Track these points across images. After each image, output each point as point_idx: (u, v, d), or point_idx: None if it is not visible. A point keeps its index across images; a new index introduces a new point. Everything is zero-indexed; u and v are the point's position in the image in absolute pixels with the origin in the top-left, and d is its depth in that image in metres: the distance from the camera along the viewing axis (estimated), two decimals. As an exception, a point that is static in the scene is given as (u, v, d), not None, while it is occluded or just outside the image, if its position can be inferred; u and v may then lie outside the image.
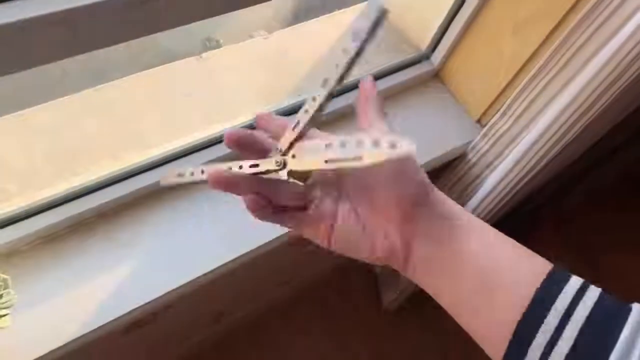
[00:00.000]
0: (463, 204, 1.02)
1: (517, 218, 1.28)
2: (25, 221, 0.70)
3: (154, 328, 0.86)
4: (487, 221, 0.40)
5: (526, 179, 0.90)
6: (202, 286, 0.74)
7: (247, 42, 0.97)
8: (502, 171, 0.91)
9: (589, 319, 0.34)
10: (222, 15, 0.55)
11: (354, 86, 0.90)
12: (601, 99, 0.74)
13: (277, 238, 0.77)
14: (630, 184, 1.88)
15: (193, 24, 0.51)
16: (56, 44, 0.46)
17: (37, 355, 0.64)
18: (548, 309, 0.35)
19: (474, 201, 1.00)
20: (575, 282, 0.36)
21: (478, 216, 0.98)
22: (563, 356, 0.33)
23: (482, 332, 0.38)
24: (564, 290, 0.35)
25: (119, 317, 0.68)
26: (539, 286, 0.36)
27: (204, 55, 0.92)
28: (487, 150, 0.94)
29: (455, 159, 1.01)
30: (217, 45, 0.89)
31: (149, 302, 0.70)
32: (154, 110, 0.83)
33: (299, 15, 1.18)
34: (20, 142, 0.76)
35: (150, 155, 0.77)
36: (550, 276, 0.36)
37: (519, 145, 0.87)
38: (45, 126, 0.78)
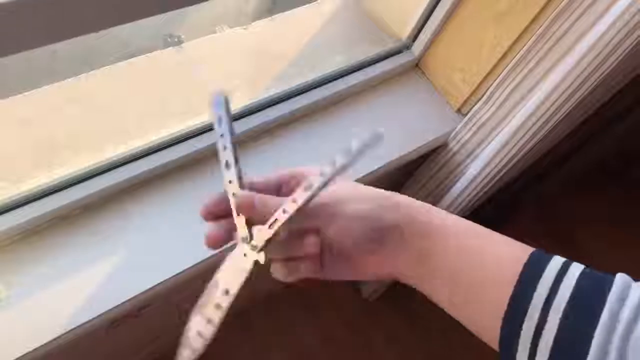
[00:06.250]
0: (444, 193, 1.03)
1: (498, 204, 1.29)
2: (7, 214, 0.69)
3: (139, 322, 0.85)
4: (468, 208, 0.41)
5: (508, 167, 0.91)
6: (186, 281, 0.74)
7: (226, 34, 0.96)
8: (484, 159, 0.92)
9: (577, 288, 0.35)
10: (181, 12, 0.53)
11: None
12: (582, 86, 0.75)
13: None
14: (604, 170, 1.94)
15: (149, 21, 0.50)
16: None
17: (26, 351, 0.63)
18: (534, 288, 0.36)
19: (455, 189, 1.01)
20: (557, 259, 0.38)
21: (460, 204, 1.00)
22: (553, 334, 0.35)
23: (476, 323, 0.41)
24: (547, 268, 0.37)
25: (104, 312, 0.68)
26: (521, 269, 0.38)
27: (183, 45, 0.90)
28: (469, 139, 0.95)
29: (436, 149, 1.02)
30: (179, 42, 0.89)
31: (134, 297, 0.69)
32: (135, 101, 0.82)
33: (273, 9, 1.17)
34: (1, 133, 0.75)
35: (133, 147, 0.76)
36: (531, 258, 0.38)
37: (501, 133, 0.88)
38: (26, 117, 0.76)
